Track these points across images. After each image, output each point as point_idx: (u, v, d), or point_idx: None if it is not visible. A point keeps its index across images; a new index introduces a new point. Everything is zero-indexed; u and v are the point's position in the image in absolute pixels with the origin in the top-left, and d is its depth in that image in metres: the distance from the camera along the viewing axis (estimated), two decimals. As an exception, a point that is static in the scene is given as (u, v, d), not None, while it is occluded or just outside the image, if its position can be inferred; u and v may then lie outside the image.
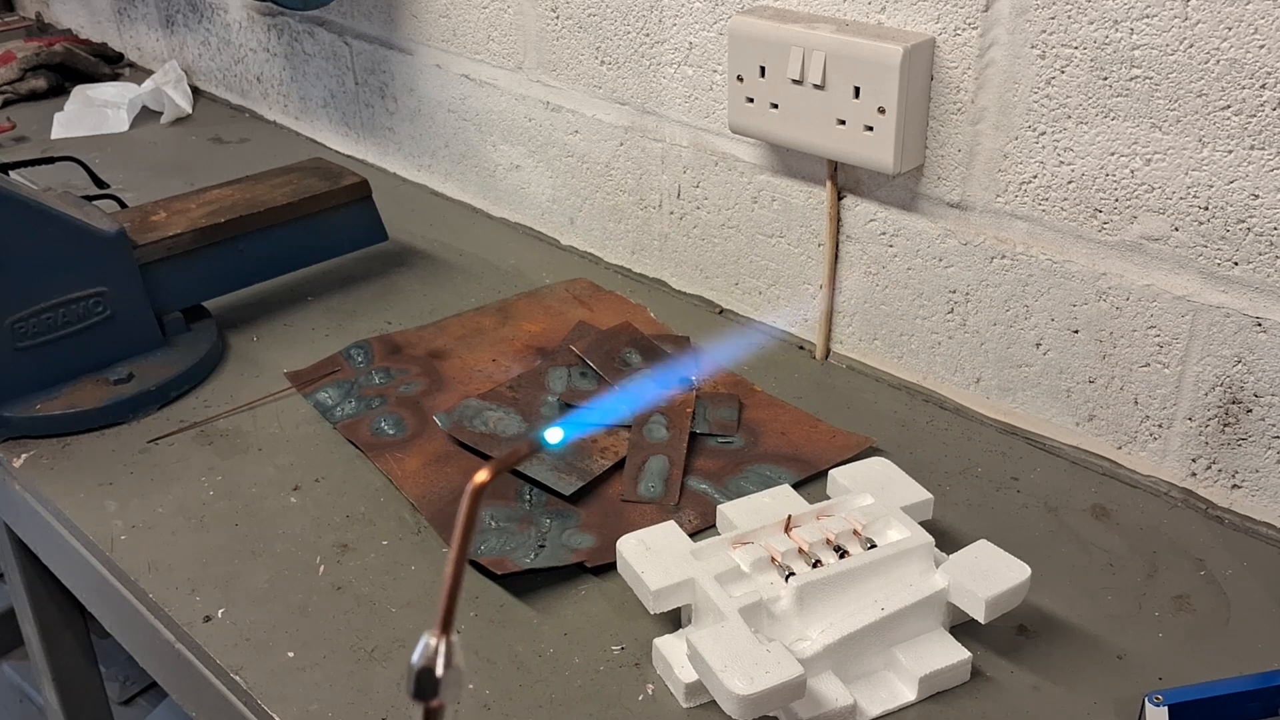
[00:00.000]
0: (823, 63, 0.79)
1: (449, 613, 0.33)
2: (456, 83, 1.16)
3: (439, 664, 0.33)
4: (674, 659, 0.62)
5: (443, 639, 0.33)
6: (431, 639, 0.33)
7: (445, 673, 0.33)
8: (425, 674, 0.33)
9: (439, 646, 0.33)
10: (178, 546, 0.74)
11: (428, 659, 0.33)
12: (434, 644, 0.33)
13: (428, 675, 0.33)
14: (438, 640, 0.33)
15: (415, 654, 0.33)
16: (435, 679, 0.33)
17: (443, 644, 0.33)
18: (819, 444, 0.81)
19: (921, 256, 0.84)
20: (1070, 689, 0.62)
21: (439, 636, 0.33)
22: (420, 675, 0.33)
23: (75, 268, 0.86)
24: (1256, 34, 0.63)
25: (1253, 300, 0.68)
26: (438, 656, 0.33)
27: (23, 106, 1.55)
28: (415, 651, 0.33)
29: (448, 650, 0.33)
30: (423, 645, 0.33)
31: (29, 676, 1.45)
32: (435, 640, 0.33)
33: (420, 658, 0.33)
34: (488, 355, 0.93)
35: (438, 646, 0.33)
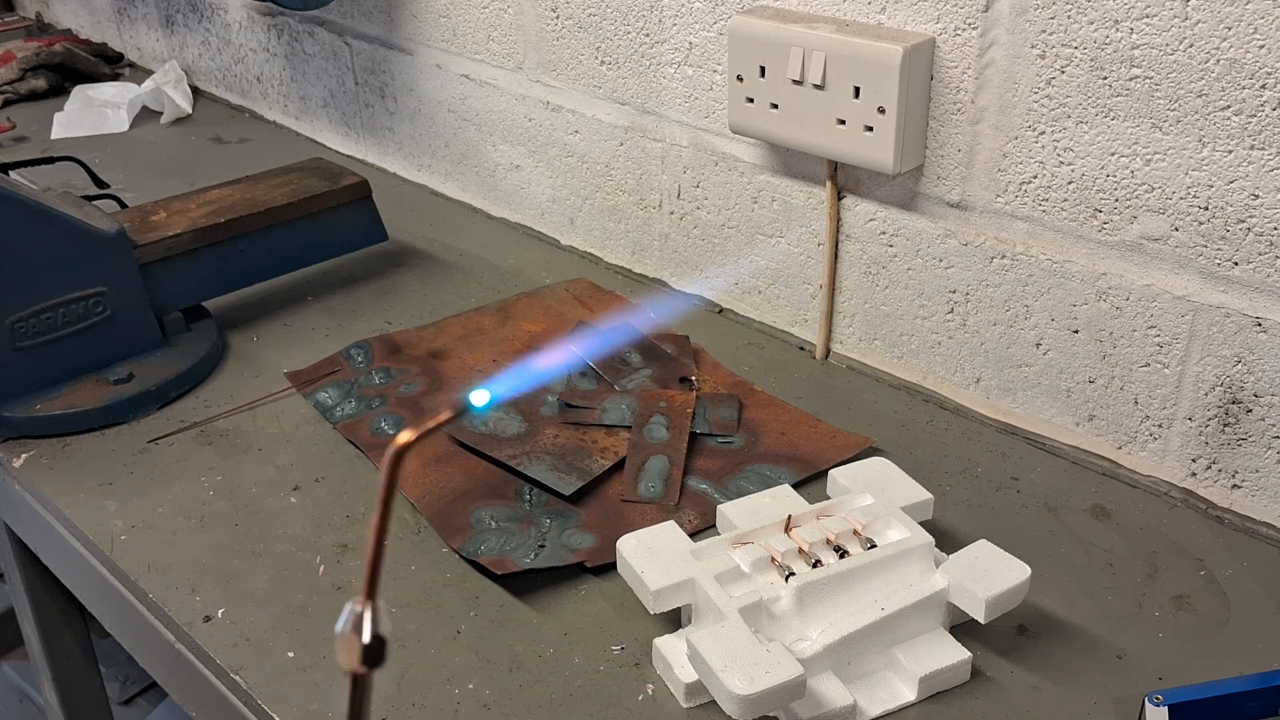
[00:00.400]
0: (823, 63, 0.79)
1: (373, 578, 0.33)
2: (456, 83, 1.16)
3: (365, 631, 0.32)
4: (674, 659, 0.62)
5: (368, 605, 0.32)
6: (358, 606, 0.32)
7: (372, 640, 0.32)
8: (377, 642, 0.32)
9: (364, 613, 0.32)
10: (178, 546, 0.74)
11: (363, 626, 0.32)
12: (361, 610, 0.32)
13: (377, 643, 0.32)
14: (363, 606, 0.32)
15: (341, 622, 0.32)
16: (383, 644, 0.32)
17: (368, 610, 0.32)
18: (819, 444, 0.81)
19: (921, 256, 0.84)
20: (1070, 689, 0.62)
21: (364, 603, 0.33)
22: (373, 644, 0.32)
23: (75, 268, 0.86)
24: (1256, 34, 0.63)
25: (1253, 300, 0.68)
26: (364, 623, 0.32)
27: (23, 106, 1.55)
28: (340, 620, 0.32)
29: (374, 616, 0.33)
30: (349, 612, 0.33)
31: (29, 676, 1.45)
32: (361, 607, 0.32)
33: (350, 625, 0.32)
34: (488, 355, 0.93)
35: (364, 612, 0.32)
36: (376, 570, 0.33)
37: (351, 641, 0.32)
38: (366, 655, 0.32)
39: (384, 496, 0.33)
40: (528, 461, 0.79)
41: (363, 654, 0.32)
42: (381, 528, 0.33)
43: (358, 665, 0.33)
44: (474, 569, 0.71)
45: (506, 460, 0.79)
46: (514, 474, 0.78)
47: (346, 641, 0.33)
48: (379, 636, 0.33)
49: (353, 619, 0.32)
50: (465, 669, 0.64)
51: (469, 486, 0.77)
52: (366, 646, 0.32)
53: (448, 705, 0.62)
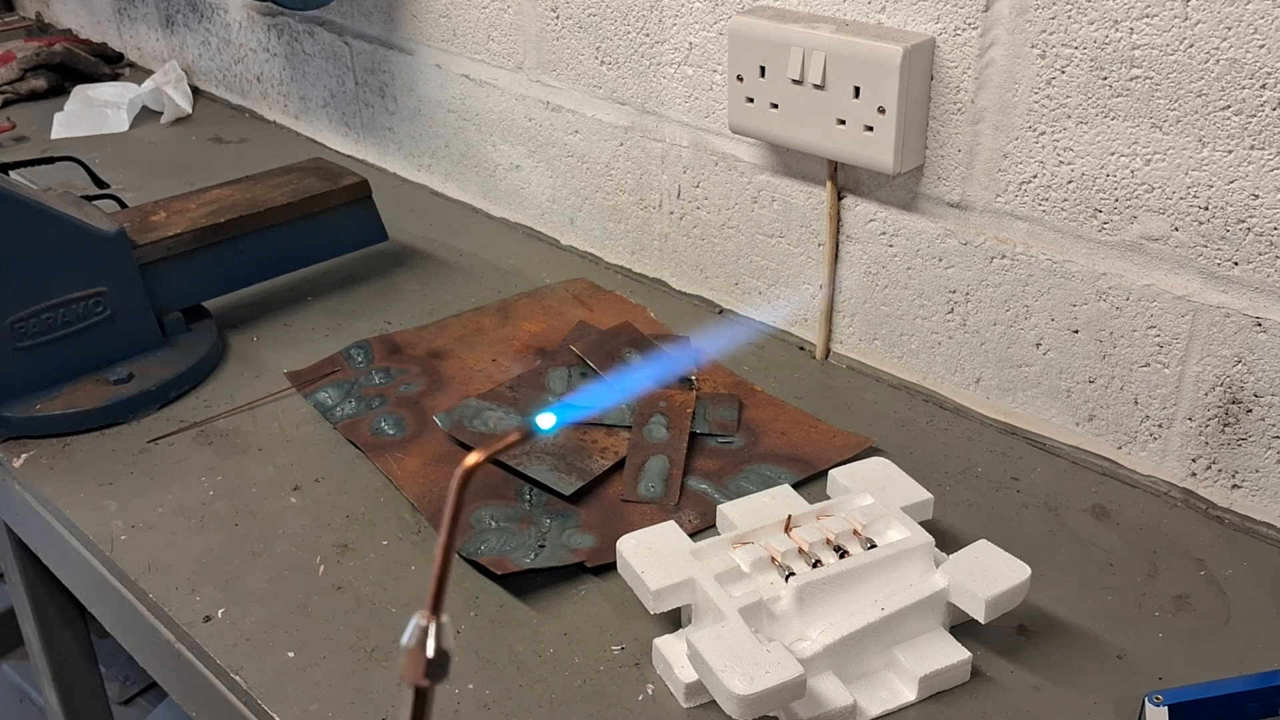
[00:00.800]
0: (823, 63, 0.79)
1: (439, 594, 0.33)
2: (456, 83, 1.16)
3: (430, 646, 0.33)
4: (674, 659, 0.62)
5: (433, 620, 0.33)
6: (422, 620, 0.33)
7: (436, 654, 0.33)
8: (442, 656, 0.33)
9: (430, 628, 0.33)
10: (178, 546, 0.74)
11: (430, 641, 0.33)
12: (426, 625, 0.33)
13: (443, 657, 0.33)
14: (429, 621, 0.33)
15: (407, 636, 0.33)
16: (447, 661, 0.33)
17: (433, 625, 0.33)
18: (819, 444, 0.81)
19: (921, 256, 0.84)
20: (1070, 689, 0.62)
21: (430, 618, 0.33)
22: (438, 658, 0.33)
23: (75, 268, 0.86)
24: (1256, 34, 0.63)
25: (1253, 300, 0.68)
26: (429, 638, 0.33)
27: (23, 106, 1.55)
28: (406, 633, 0.33)
29: (438, 632, 0.33)
30: (415, 627, 0.33)
31: (29, 676, 1.45)
32: (426, 621, 0.33)
33: (415, 639, 0.33)
34: (488, 355, 0.93)
35: (428, 628, 0.33)
36: (442, 586, 0.33)
37: (416, 655, 0.33)
38: (430, 669, 0.33)
39: (452, 514, 0.33)
40: (528, 461, 0.79)
41: (426, 668, 0.33)
42: (449, 545, 0.33)
43: (421, 679, 0.33)
44: (474, 569, 0.71)
45: (506, 460, 0.79)
46: (514, 474, 0.78)
47: (412, 655, 0.33)
48: (443, 651, 0.33)
49: (418, 633, 0.33)
50: (465, 669, 0.64)
51: (469, 486, 0.77)
52: (430, 660, 0.33)
53: (448, 705, 0.62)
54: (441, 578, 0.33)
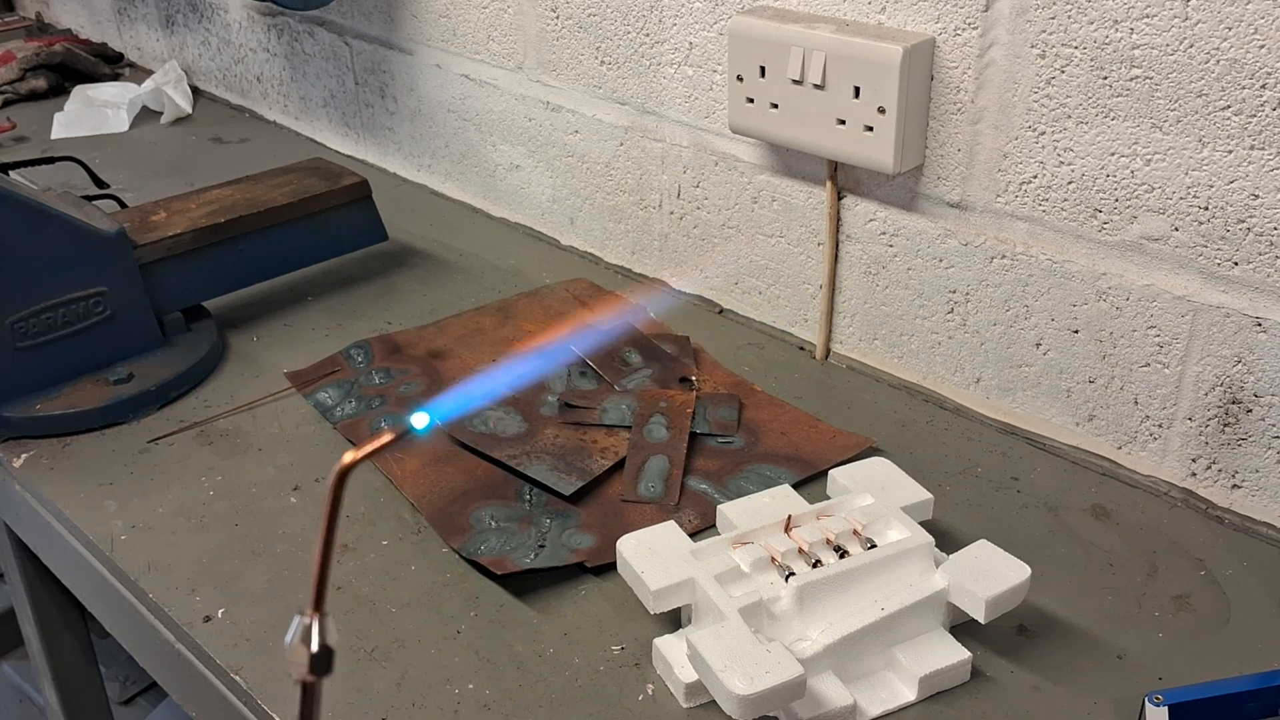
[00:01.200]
0: (823, 63, 0.79)
1: (320, 591, 0.34)
2: (456, 83, 1.16)
3: (314, 641, 0.34)
4: (674, 659, 0.62)
5: (315, 616, 0.34)
6: (306, 618, 0.34)
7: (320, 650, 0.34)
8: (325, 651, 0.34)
9: (314, 624, 0.34)
10: (178, 546, 0.74)
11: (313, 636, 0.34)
12: (309, 622, 0.34)
13: (325, 653, 0.34)
14: (311, 618, 0.34)
15: (290, 633, 0.34)
16: (330, 654, 0.34)
17: (316, 622, 0.34)
18: (819, 444, 0.81)
19: (921, 256, 0.84)
20: (1070, 689, 0.62)
21: (312, 615, 0.34)
22: (321, 653, 0.34)
23: (75, 268, 0.86)
24: (1256, 34, 0.63)
25: (1253, 300, 0.68)
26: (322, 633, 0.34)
27: (23, 106, 1.55)
28: (290, 632, 0.34)
29: (322, 628, 0.34)
30: (298, 625, 0.34)
31: (29, 676, 1.45)
32: (309, 619, 0.34)
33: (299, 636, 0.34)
34: (488, 355, 0.93)
35: (312, 624, 0.34)
36: (324, 583, 0.34)
37: (300, 652, 0.34)
38: (315, 664, 0.34)
39: (328, 513, 0.34)
40: (528, 461, 0.79)
41: (311, 663, 0.34)
42: (327, 543, 0.34)
43: (306, 674, 0.34)
44: (474, 569, 0.71)
45: (506, 460, 0.79)
46: (514, 474, 0.78)
47: (295, 652, 0.34)
48: (326, 646, 0.34)
49: (301, 630, 0.34)
50: (465, 669, 0.64)
51: (469, 486, 0.77)
52: (315, 655, 0.34)
53: (448, 705, 0.62)
54: (322, 574, 0.34)
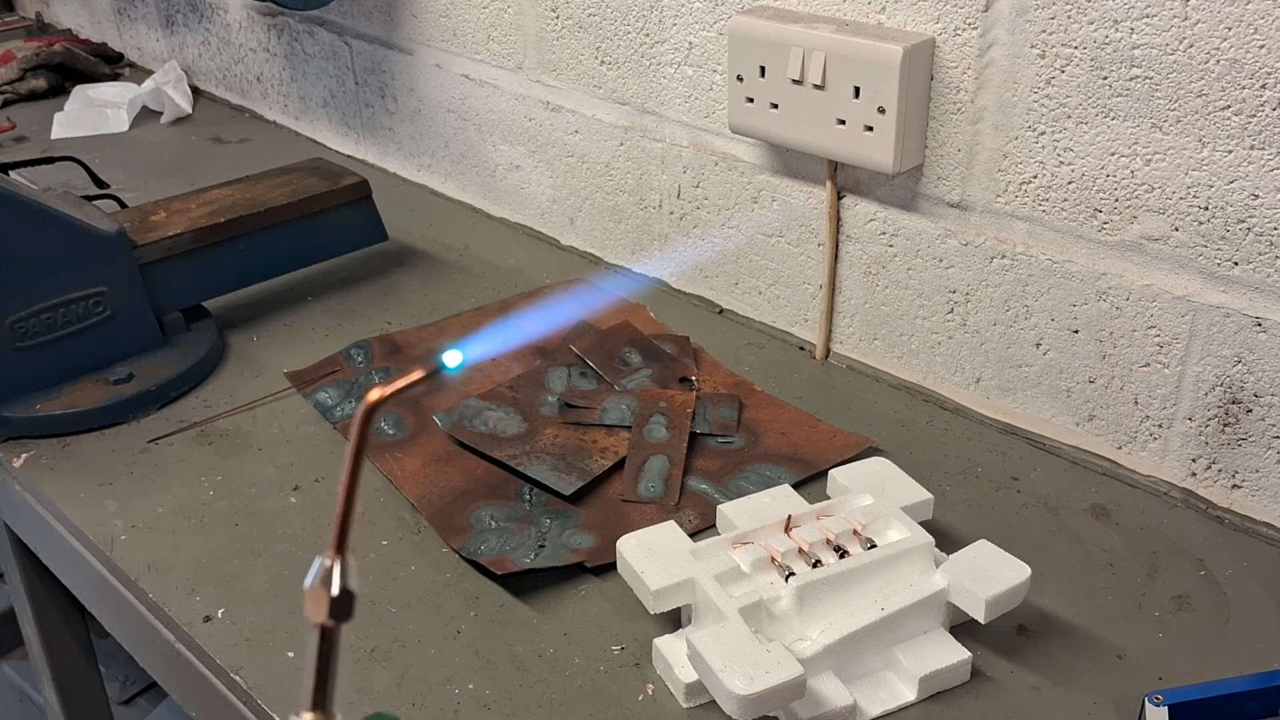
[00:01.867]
0: (823, 63, 0.79)
1: (343, 533, 0.32)
2: (456, 83, 1.16)
3: (335, 584, 0.32)
4: (674, 659, 0.62)
5: (337, 559, 0.32)
6: (327, 560, 0.32)
7: (341, 593, 0.32)
8: (346, 595, 0.32)
9: (335, 566, 0.32)
10: (178, 546, 0.74)
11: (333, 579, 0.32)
12: (330, 564, 0.32)
13: (345, 596, 0.32)
14: (333, 560, 0.32)
15: (310, 575, 0.32)
16: (351, 598, 0.32)
17: (337, 564, 0.32)
18: (819, 444, 0.81)
19: (921, 256, 0.84)
20: (1070, 689, 0.62)
21: (334, 557, 0.32)
22: (342, 597, 0.32)
23: (75, 268, 0.86)
24: (1256, 34, 0.63)
25: (1253, 300, 0.68)
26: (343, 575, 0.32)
27: (23, 106, 1.55)
28: (310, 574, 0.32)
29: (343, 570, 0.33)
30: (319, 566, 0.32)
31: (29, 676, 1.45)
32: (331, 561, 0.32)
33: (319, 579, 0.32)
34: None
35: (333, 566, 0.32)
36: (347, 525, 0.32)
37: (319, 594, 0.32)
38: (335, 608, 0.32)
39: (354, 452, 0.33)
40: (528, 461, 0.79)
41: (330, 607, 0.32)
42: (352, 483, 0.33)
43: (325, 618, 0.32)
44: (474, 569, 0.71)
45: (506, 460, 0.79)
46: (514, 474, 0.78)
47: (315, 595, 0.32)
48: (348, 590, 0.32)
49: (322, 572, 0.32)
50: (465, 669, 0.64)
51: (469, 486, 0.77)
52: (335, 599, 0.32)
53: (448, 705, 0.62)
54: (345, 516, 0.32)
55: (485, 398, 0.86)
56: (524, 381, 0.88)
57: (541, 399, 0.86)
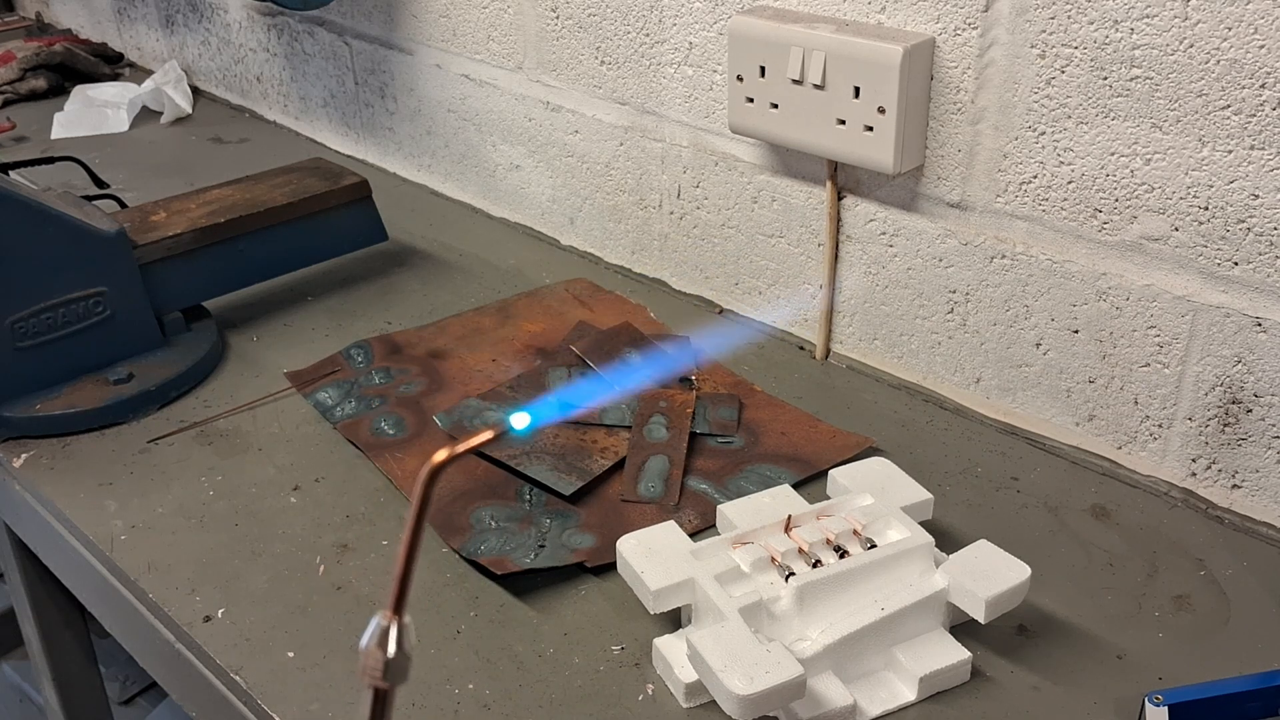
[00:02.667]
0: (823, 63, 0.79)
1: (401, 593, 0.32)
2: (456, 83, 1.16)
3: (391, 646, 0.32)
4: (674, 659, 0.62)
5: (394, 620, 0.32)
6: (384, 621, 0.32)
7: (397, 655, 0.32)
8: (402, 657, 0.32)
9: (392, 629, 0.32)
10: (178, 546, 0.74)
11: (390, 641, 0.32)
12: (387, 625, 0.32)
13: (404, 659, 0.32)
14: (390, 621, 0.32)
15: (366, 637, 0.32)
16: (407, 662, 0.32)
17: (394, 625, 0.32)
18: (819, 444, 0.81)
19: (921, 256, 0.84)
20: (1070, 689, 0.62)
21: (391, 619, 0.32)
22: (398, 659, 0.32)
23: (75, 268, 0.86)
24: (1256, 34, 0.63)
25: (1253, 300, 0.68)
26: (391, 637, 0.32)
27: (23, 106, 1.55)
28: (366, 635, 0.32)
29: (400, 632, 0.32)
30: (376, 627, 0.32)
31: (29, 676, 1.45)
32: (388, 621, 0.32)
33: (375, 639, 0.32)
34: (488, 355, 0.93)
35: (389, 629, 0.32)
36: (405, 586, 0.32)
37: (375, 655, 0.32)
38: (390, 670, 0.32)
39: (416, 512, 0.32)
40: (528, 461, 0.79)
41: (386, 669, 0.32)
42: (413, 544, 0.32)
43: (380, 680, 0.32)
44: (474, 569, 0.71)
45: (506, 460, 0.79)
46: (514, 474, 0.78)
47: (370, 655, 0.32)
48: (404, 652, 0.32)
49: (379, 633, 0.32)
50: (465, 669, 0.64)
51: (469, 486, 0.77)
52: (390, 661, 0.32)
53: (448, 705, 0.62)
54: (405, 577, 0.32)
55: (485, 398, 0.86)
56: (524, 381, 0.88)
57: (541, 399, 0.86)
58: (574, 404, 0.74)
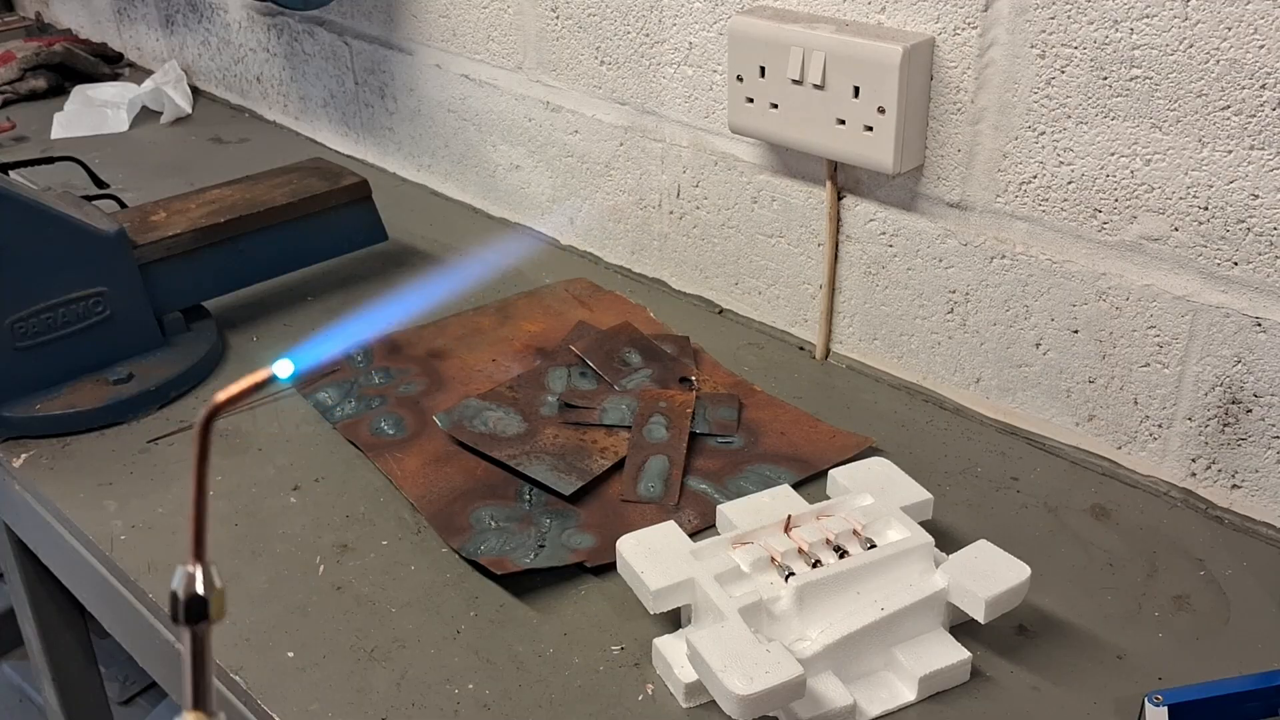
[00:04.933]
0: (823, 63, 0.79)
1: (200, 539, 0.36)
2: (456, 83, 1.17)
3: (198, 587, 0.36)
4: (674, 659, 0.62)
5: (198, 565, 0.36)
6: (189, 567, 0.36)
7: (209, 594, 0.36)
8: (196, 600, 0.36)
9: (196, 572, 0.36)
10: (178, 546, 0.74)
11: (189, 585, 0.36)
12: (191, 571, 0.36)
13: (198, 601, 0.36)
14: (194, 567, 0.36)
15: (174, 581, 0.36)
16: (205, 602, 0.36)
17: (199, 570, 0.36)
18: (819, 444, 0.81)
19: (921, 256, 0.84)
20: (1070, 689, 0.62)
21: (194, 564, 0.36)
22: (191, 602, 0.36)
23: (75, 268, 0.86)
24: (1256, 34, 0.63)
25: (1252, 300, 0.68)
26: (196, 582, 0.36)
27: (23, 106, 1.55)
28: (174, 579, 0.36)
29: (205, 574, 0.36)
30: (181, 573, 0.36)
31: (29, 676, 1.46)
32: (192, 568, 0.36)
33: (181, 585, 0.36)
34: (488, 355, 0.93)
35: (194, 573, 0.36)
36: (201, 531, 0.36)
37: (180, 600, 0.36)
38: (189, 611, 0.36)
39: (198, 458, 0.36)
40: (528, 461, 0.79)
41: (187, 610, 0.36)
42: (199, 491, 0.36)
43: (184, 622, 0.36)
44: (474, 569, 0.71)
45: (506, 460, 0.79)
46: (514, 474, 0.78)
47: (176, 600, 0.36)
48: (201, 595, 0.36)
49: (185, 578, 0.36)
50: (465, 669, 0.64)
51: (469, 486, 0.77)
52: (190, 601, 0.36)
53: (448, 705, 0.62)
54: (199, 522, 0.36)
55: (485, 398, 0.86)
56: (524, 381, 0.88)
57: (541, 399, 0.86)
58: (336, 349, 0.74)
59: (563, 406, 0.85)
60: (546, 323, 0.98)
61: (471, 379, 0.90)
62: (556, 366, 0.90)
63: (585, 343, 0.92)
